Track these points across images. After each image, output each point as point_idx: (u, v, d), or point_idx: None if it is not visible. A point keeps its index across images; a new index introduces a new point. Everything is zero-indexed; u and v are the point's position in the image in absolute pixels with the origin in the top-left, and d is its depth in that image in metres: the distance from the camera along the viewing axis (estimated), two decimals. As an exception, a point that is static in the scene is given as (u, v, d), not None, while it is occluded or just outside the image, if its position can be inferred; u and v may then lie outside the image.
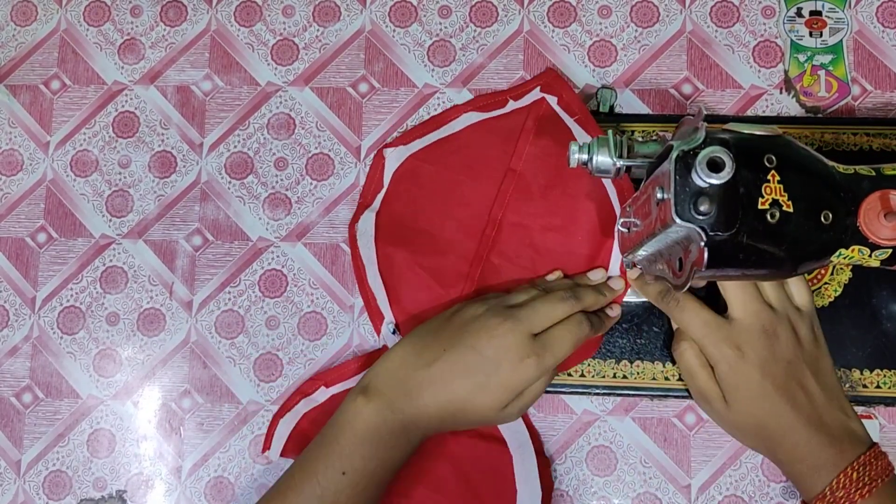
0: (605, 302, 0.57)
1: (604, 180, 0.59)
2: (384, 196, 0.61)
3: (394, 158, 0.61)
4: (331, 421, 0.52)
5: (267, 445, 0.59)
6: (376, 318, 0.60)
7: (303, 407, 0.59)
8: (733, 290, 0.53)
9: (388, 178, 0.61)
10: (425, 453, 0.56)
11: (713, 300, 0.54)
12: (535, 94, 0.61)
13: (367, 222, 0.61)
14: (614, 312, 0.58)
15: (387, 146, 0.62)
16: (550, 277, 0.59)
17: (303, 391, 0.60)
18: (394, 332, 0.59)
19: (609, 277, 0.58)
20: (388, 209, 0.61)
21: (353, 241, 0.61)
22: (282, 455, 0.59)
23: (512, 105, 0.61)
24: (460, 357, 0.51)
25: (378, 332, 0.60)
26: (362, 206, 0.61)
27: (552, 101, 0.61)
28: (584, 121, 0.60)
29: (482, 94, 0.63)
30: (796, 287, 0.54)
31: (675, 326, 0.56)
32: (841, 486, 0.48)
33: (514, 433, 0.58)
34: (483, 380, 0.51)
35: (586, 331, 0.54)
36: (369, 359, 0.59)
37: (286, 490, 0.51)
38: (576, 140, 0.57)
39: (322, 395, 0.59)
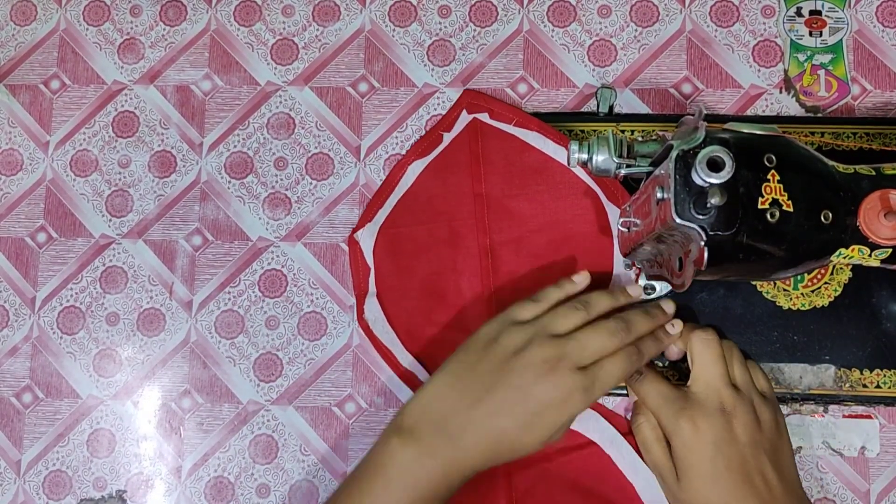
0: (655, 327, 0.54)
1: (576, 172, 0.60)
2: (375, 277, 0.61)
3: (367, 238, 0.61)
4: (364, 461, 0.50)
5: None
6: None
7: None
8: (699, 365, 0.52)
9: (370, 259, 0.61)
10: (538, 493, 0.56)
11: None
12: (465, 117, 0.62)
13: (374, 308, 0.60)
14: (675, 329, 0.54)
15: (354, 231, 0.61)
16: (577, 279, 0.55)
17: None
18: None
19: (661, 300, 0.56)
20: (386, 286, 0.61)
21: (369, 332, 0.60)
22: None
23: (448, 137, 0.62)
24: (506, 398, 0.48)
25: None
26: (361, 296, 0.61)
27: (484, 117, 0.61)
28: (523, 121, 0.60)
29: (416, 141, 0.62)
30: (761, 375, 0.54)
31: (632, 398, 0.56)
32: None
33: (600, 433, 0.57)
34: (530, 419, 0.49)
35: (637, 364, 0.51)
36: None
37: None
38: (525, 141, 0.59)
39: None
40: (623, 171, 0.51)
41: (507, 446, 0.49)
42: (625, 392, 0.58)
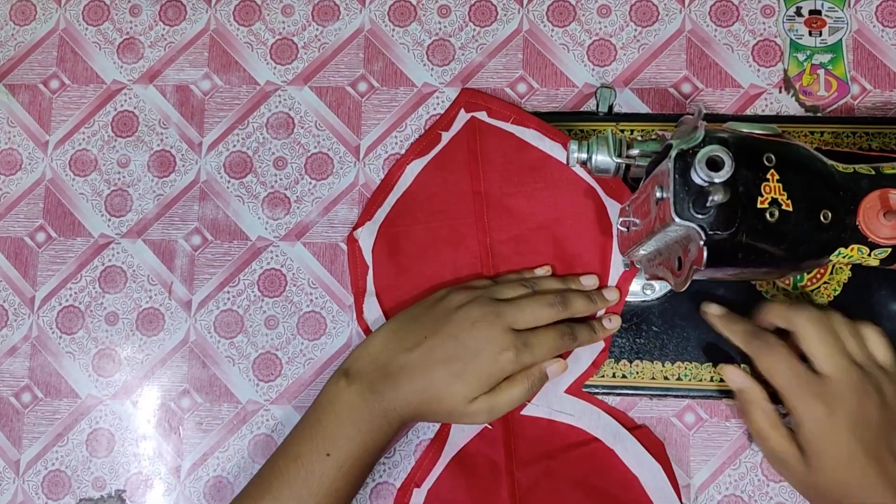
0: (594, 310, 0.57)
1: (575, 170, 0.60)
2: (374, 276, 0.60)
3: (366, 236, 0.61)
4: (313, 404, 0.53)
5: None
6: None
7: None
8: (817, 342, 0.49)
9: (369, 258, 0.61)
10: (542, 490, 0.56)
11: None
12: (463, 116, 0.62)
13: (373, 308, 0.60)
14: (612, 324, 0.57)
15: (353, 229, 0.61)
16: (539, 271, 0.58)
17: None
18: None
19: (605, 288, 0.58)
20: (384, 286, 0.60)
21: (368, 332, 0.60)
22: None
23: (446, 136, 0.62)
24: (441, 344, 0.52)
25: None
26: (359, 295, 0.61)
27: (482, 116, 0.61)
28: (521, 119, 0.60)
29: (415, 140, 0.62)
30: (877, 343, 0.51)
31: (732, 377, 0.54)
32: None
33: (603, 428, 0.57)
34: (460, 368, 0.51)
35: (569, 342, 0.54)
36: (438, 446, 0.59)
37: (270, 477, 0.51)
38: (523, 139, 0.59)
39: (418, 496, 0.58)
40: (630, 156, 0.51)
41: (435, 393, 0.52)
42: (624, 391, 0.58)
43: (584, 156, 0.52)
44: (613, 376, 0.58)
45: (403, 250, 0.60)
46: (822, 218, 0.44)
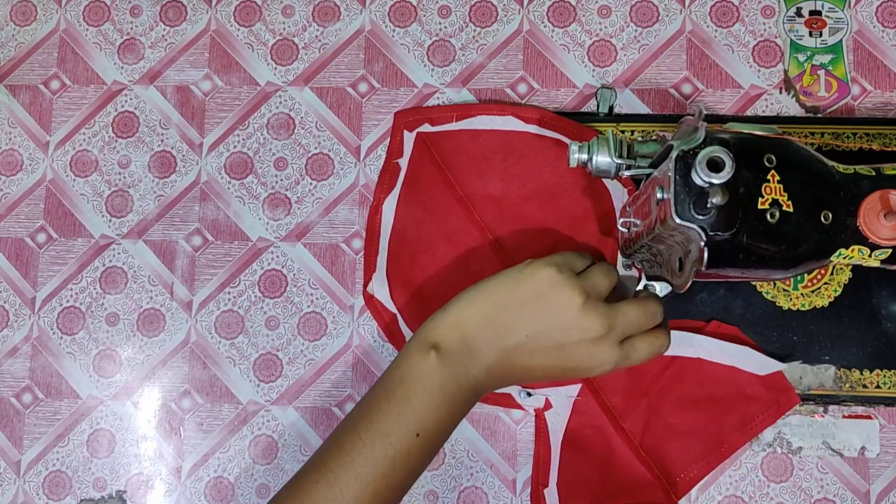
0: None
1: (531, 130, 0.61)
2: (404, 320, 0.60)
3: (380, 288, 0.61)
4: (397, 376, 0.50)
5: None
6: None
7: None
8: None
9: (391, 306, 0.61)
10: (655, 427, 0.57)
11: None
12: (409, 136, 0.62)
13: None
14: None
15: (364, 286, 0.61)
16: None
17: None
18: (529, 395, 0.59)
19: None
20: (415, 324, 0.60)
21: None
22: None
23: (403, 163, 0.62)
24: (546, 350, 0.49)
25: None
26: (398, 344, 0.61)
27: (426, 128, 0.62)
28: (462, 112, 0.62)
29: (378, 181, 0.62)
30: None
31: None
32: None
33: (675, 344, 0.56)
34: (558, 373, 0.51)
35: (663, 349, 0.52)
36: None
37: (352, 450, 0.48)
38: (473, 129, 0.60)
39: (552, 495, 0.58)
40: (624, 173, 0.51)
41: (521, 377, 0.51)
42: None
43: (584, 157, 0.52)
44: (614, 377, 0.59)
45: (420, 284, 0.60)
46: (822, 219, 0.44)
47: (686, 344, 0.57)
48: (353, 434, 0.49)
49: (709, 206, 0.41)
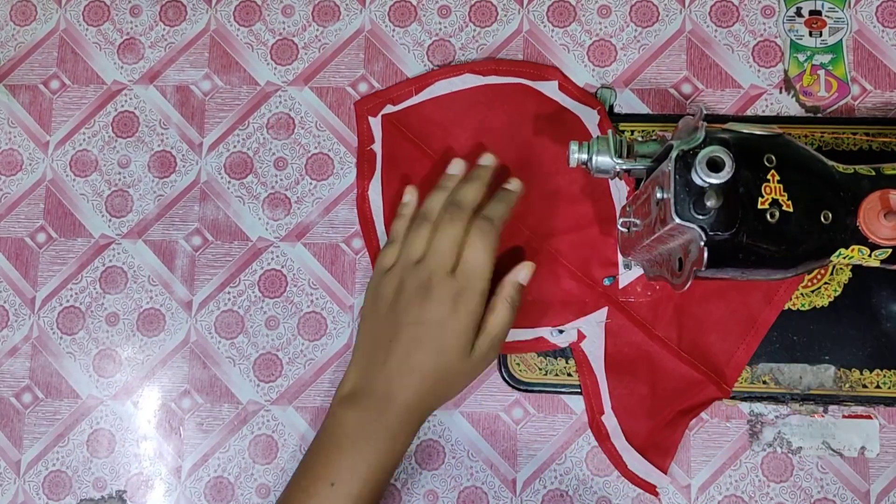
0: (484, 188, 0.56)
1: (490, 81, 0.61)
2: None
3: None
4: (316, 435, 0.53)
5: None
6: None
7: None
8: None
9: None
10: (697, 320, 0.58)
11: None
12: (375, 122, 0.62)
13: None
14: (513, 185, 0.57)
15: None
16: (407, 197, 0.58)
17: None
18: (561, 332, 0.59)
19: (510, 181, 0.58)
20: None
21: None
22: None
23: (378, 147, 0.62)
24: (408, 336, 0.52)
25: None
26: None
27: (389, 109, 0.62)
28: (420, 83, 0.62)
29: (357, 172, 0.62)
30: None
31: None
32: None
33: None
34: (438, 342, 0.51)
35: (492, 231, 0.53)
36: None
37: None
38: (434, 98, 0.61)
39: (610, 419, 0.58)
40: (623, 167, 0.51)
41: (432, 376, 0.52)
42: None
43: (584, 157, 0.52)
44: (614, 376, 0.59)
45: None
46: (822, 218, 0.44)
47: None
48: (284, 496, 0.52)
49: (707, 206, 0.41)
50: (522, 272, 0.55)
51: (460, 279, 0.52)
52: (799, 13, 0.62)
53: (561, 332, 0.58)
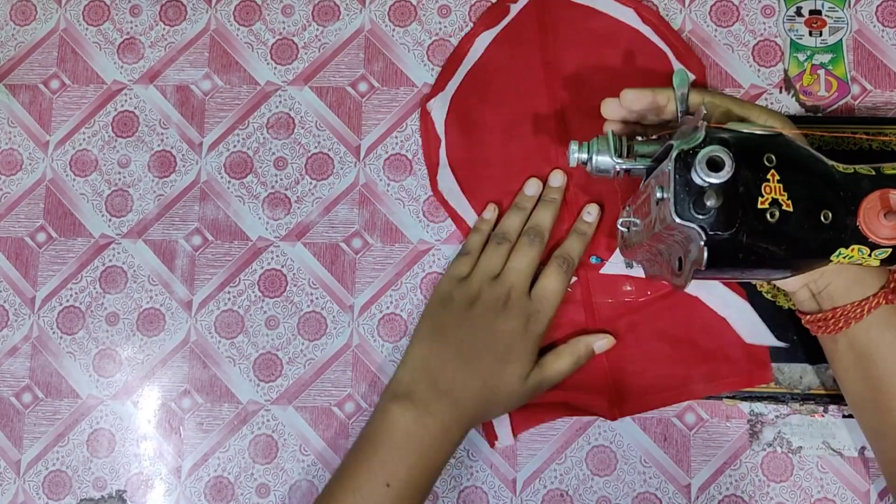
0: (556, 213, 0.59)
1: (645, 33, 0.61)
2: (446, 148, 0.61)
3: (439, 108, 0.62)
4: (365, 433, 0.52)
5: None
6: None
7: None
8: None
9: (441, 130, 0.61)
10: (636, 343, 0.58)
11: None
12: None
13: (448, 179, 0.61)
14: (591, 216, 0.59)
15: (426, 100, 0.62)
16: (486, 214, 0.60)
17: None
18: (598, 260, 0.59)
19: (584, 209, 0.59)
20: (457, 158, 0.61)
21: (444, 202, 0.61)
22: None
23: (515, 8, 0.62)
24: (479, 341, 0.53)
25: None
26: (433, 167, 0.62)
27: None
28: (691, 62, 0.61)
29: (484, 11, 0.63)
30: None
31: None
32: None
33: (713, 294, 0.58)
34: (505, 353, 0.53)
35: (570, 269, 0.56)
36: None
37: None
38: (591, 7, 0.60)
39: None
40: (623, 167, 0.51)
41: (491, 386, 0.53)
42: None
43: (584, 156, 0.52)
44: (614, 376, 0.59)
45: (476, 126, 0.61)
46: (822, 218, 0.44)
47: (694, 283, 0.57)
48: (328, 493, 0.51)
49: (707, 206, 0.41)
50: (600, 342, 0.57)
51: (536, 303, 0.55)
52: (799, 13, 0.62)
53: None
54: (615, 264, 0.59)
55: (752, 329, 0.57)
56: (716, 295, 0.58)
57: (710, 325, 0.58)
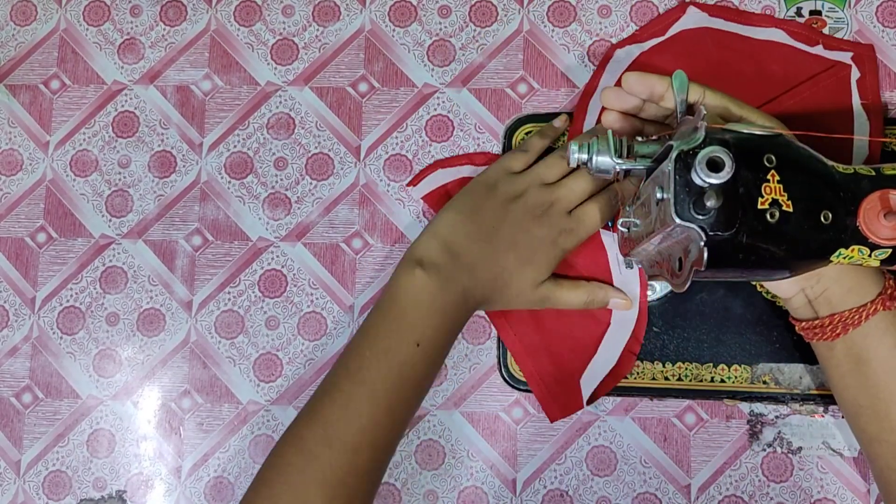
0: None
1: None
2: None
3: (623, 56, 0.61)
4: (390, 297, 0.53)
5: (415, 182, 0.62)
6: None
7: (466, 172, 0.62)
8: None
9: (613, 76, 0.61)
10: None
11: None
12: (845, 56, 0.61)
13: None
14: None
15: (618, 46, 0.62)
16: (557, 123, 0.61)
17: (471, 159, 0.62)
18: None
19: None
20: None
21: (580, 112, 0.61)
22: (423, 198, 0.62)
23: (815, 50, 0.61)
24: (511, 235, 0.54)
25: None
26: (586, 94, 0.62)
27: (854, 74, 0.60)
28: (871, 109, 0.60)
29: (791, 22, 0.62)
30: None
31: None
32: None
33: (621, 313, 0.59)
34: (528, 254, 0.54)
35: (615, 206, 0.57)
36: None
37: (360, 370, 0.51)
38: (853, 121, 0.59)
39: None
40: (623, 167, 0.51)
41: (507, 279, 0.54)
42: (625, 392, 0.58)
43: (584, 156, 0.52)
44: (614, 377, 0.59)
45: None
46: (822, 218, 0.44)
47: (623, 318, 0.59)
48: (358, 355, 0.51)
49: (707, 206, 0.41)
50: (616, 300, 0.58)
51: (574, 221, 0.56)
52: (799, 13, 0.62)
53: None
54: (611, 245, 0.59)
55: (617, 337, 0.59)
56: (617, 339, 0.59)
57: (584, 347, 0.59)
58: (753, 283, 0.59)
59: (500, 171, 0.58)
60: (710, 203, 0.40)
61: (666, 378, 0.58)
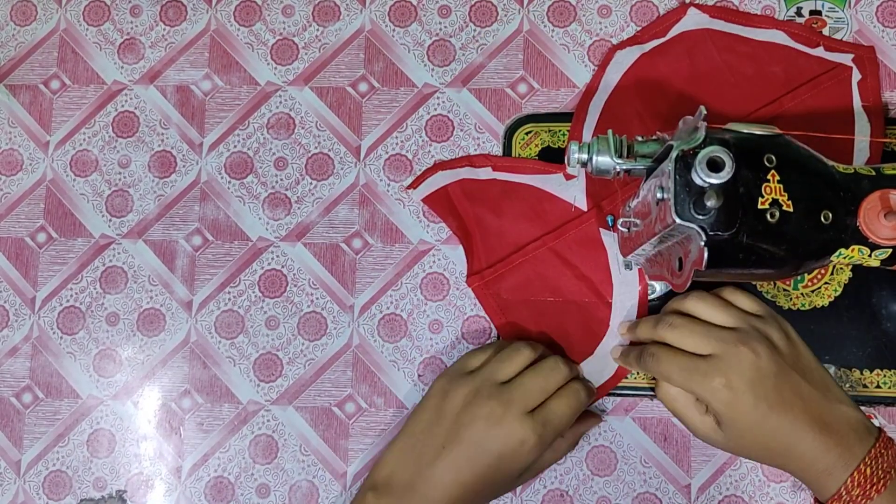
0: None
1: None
2: (613, 91, 0.61)
3: (624, 57, 0.61)
4: None
5: (415, 184, 0.61)
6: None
7: (465, 174, 0.61)
8: (689, 337, 0.51)
9: (614, 77, 0.61)
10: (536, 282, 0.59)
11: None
12: (846, 58, 0.60)
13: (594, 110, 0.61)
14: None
15: (619, 47, 0.62)
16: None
17: (471, 161, 0.61)
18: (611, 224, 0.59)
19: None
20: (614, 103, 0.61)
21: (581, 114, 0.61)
22: (423, 200, 0.61)
23: (816, 51, 0.61)
24: (462, 452, 0.51)
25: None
26: (587, 95, 0.61)
27: (855, 76, 0.60)
28: (872, 111, 0.59)
29: (792, 24, 0.61)
30: (741, 298, 0.53)
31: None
32: (856, 484, 0.46)
33: (624, 300, 0.59)
34: (488, 472, 0.51)
35: (584, 399, 0.53)
36: (547, 167, 0.60)
37: None
38: (854, 123, 0.58)
39: (486, 174, 0.61)
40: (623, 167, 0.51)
41: (472, 492, 0.51)
42: (625, 391, 0.58)
43: (584, 156, 0.52)
44: (614, 376, 0.59)
45: (654, 84, 0.61)
46: (822, 218, 0.44)
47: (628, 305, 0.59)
48: None
49: (707, 206, 0.41)
50: (588, 428, 0.57)
51: (537, 425, 0.51)
52: (799, 13, 0.62)
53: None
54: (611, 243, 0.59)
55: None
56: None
57: (590, 334, 0.59)
58: (754, 283, 0.59)
59: (454, 375, 0.54)
60: (711, 203, 0.40)
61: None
